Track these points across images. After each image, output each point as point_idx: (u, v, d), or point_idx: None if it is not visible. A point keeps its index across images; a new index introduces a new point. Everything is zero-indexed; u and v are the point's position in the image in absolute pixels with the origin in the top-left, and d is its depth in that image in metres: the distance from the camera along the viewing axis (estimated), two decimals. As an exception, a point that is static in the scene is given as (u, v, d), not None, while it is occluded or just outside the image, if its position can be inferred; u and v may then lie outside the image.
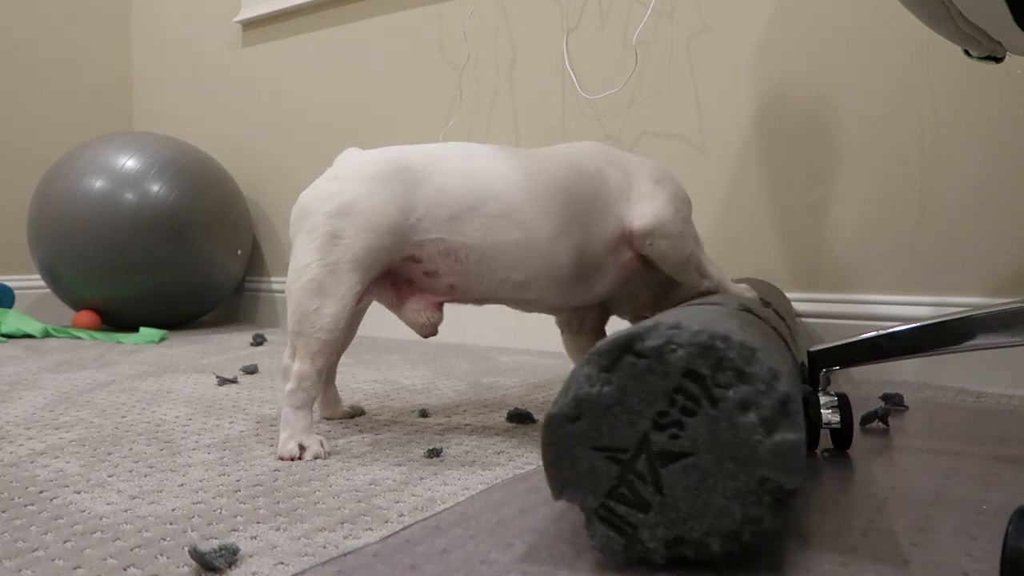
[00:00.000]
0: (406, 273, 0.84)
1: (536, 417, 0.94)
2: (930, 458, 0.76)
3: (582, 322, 0.96)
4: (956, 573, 0.49)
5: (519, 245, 0.81)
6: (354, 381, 1.18)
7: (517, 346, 1.61)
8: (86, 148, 1.82)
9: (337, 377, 1.00)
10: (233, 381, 1.18)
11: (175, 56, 2.33)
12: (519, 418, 0.92)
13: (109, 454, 0.78)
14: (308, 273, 0.79)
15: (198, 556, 0.49)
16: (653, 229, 0.83)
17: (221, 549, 0.50)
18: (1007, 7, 0.59)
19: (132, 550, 0.53)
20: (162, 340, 1.72)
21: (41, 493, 0.66)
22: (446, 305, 0.89)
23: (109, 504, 0.63)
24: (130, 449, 0.80)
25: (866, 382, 1.18)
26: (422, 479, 0.69)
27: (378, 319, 1.69)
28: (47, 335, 1.77)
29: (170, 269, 1.78)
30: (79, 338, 1.74)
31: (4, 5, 2.15)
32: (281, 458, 0.76)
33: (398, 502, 0.63)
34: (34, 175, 2.19)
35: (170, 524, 0.58)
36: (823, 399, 0.77)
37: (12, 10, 2.17)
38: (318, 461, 0.76)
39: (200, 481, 0.69)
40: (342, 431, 0.88)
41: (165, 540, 0.55)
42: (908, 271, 1.22)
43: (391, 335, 1.77)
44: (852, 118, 1.26)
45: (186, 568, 0.50)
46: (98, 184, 1.74)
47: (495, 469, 0.73)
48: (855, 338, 0.79)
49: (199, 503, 0.63)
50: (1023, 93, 1.13)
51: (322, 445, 0.78)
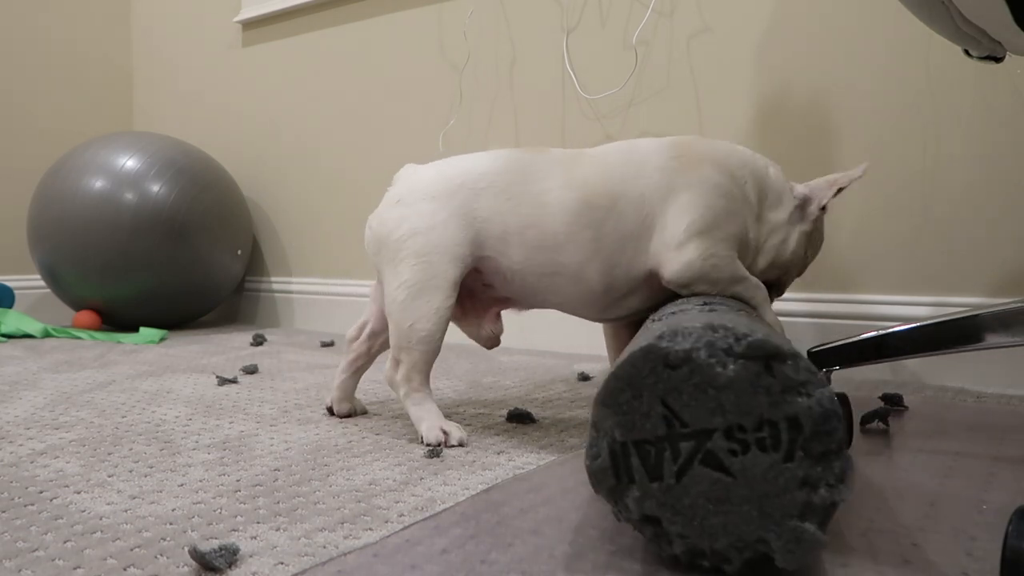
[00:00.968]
0: (469, 284, 0.89)
1: (536, 417, 0.95)
2: (930, 458, 0.76)
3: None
4: (956, 573, 0.49)
5: (552, 276, 0.84)
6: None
7: (517, 346, 1.61)
8: (86, 148, 1.82)
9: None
10: (233, 381, 1.18)
11: (175, 56, 2.33)
12: (519, 418, 0.92)
13: (109, 454, 0.78)
14: (402, 292, 0.85)
15: (198, 556, 0.49)
16: (684, 286, 0.79)
17: (221, 549, 0.50)
18: (1007, 7, 0.59)
19: (132, 550, 0.53)
20: (162, 340, 1.72)
21: (41, 493, 0.66)
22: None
23: (109, 504, 0.63)
24: (130, 449, 0.80)
25: (866, 382, 1.18)
26: (422, 479, 0.69)
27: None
28: (47, 335, 1.77)
29: (170, 269, 1.78)
30: (79, 338, 1.74)
31: (4, 5, 2.15)
32: (429, 444, 0.80)
33: (398, 502, 0.63)
34: (34, 175, 2.19)
35: (170, 524, 0.58)
36: (823, 399, 0.77)
37: (12, 10, 2.17)
38: (319, 461, 0.76)
39: (200, 481, 0.69)
40: (342, 431, 0.88)
41: (165, 540, 0.55)
42: (908, 271, 1.22)
43: (391, 335, 1.77)
44: (852, 118, 1.26)
45: (186, 568, 0.50)
46: (98, 184, 1.74)
47: (495, 469, 0.73)
48: (855, 338, 0.79)
49: (199, 503, 0.63)
50: (1023, 93, 1.13)
51: (462, 431, 0.83)
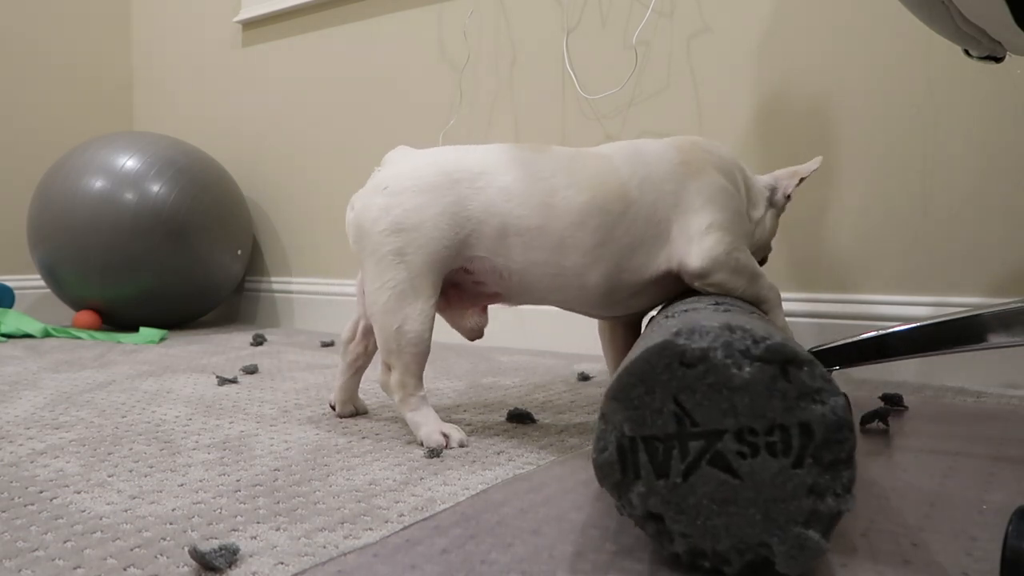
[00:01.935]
0: (455, 279, 0.85)
1: (536, 417, 0.94)
2: (930, 458, 0.76)
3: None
4: (956, 573, 0.49)
5: (555, 277, 0.82)
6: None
7: (517, 346, 1.61)
8: (86, 148, 1.82)
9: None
10: (233, 381, 1.18)
11: (175, 56, 2.33)
12: (519, 418, 0.92)
13: (109, 454, 0.78)
14: (383, 294, 0.81)
15: (198, 556, 0.49)
16: (704, 275, 0.79)
17: (221, 549, 0.50)
18: (1007, 7, 0.59)
19: (132, 550, 0.53)
20: (162, 340, 1.72)
21: (41, 493, 0.66)
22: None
23: (109, 504, 0.63)
24: (130, 449, 0.80)
25: (866, 382, 1.18)
26: (422, 479, 0.69)
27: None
28: (47, 335, 1.77)
29: (170, 269, 1.78)
30: (79, 338, 1.74)
31: (4, 5, 2.15)
32: (430, 448, 0.78)
33: (398, 502, 0.63)
34: (34, 175, 2.19)
35: (170, 524, 0.58)
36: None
37: (12, 10, 2.17)
38: (318, 461, 0.76)
39: (200, 481, 0.69)
40: (342, 431, 0.88)
41: (165, 540, 0.55)
42: (908, 271, 1.22)
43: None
44: (852, 118, 1.26)
45: (186, 568, 0.50)
46: (98, 184, 1.74)
47: (495, 469, 0.73)
48: (855, 338, 0.79)
49: (199, 503, 0.63)
50: (1023, 93, 1.13)
51: (461, 432, 0.82)
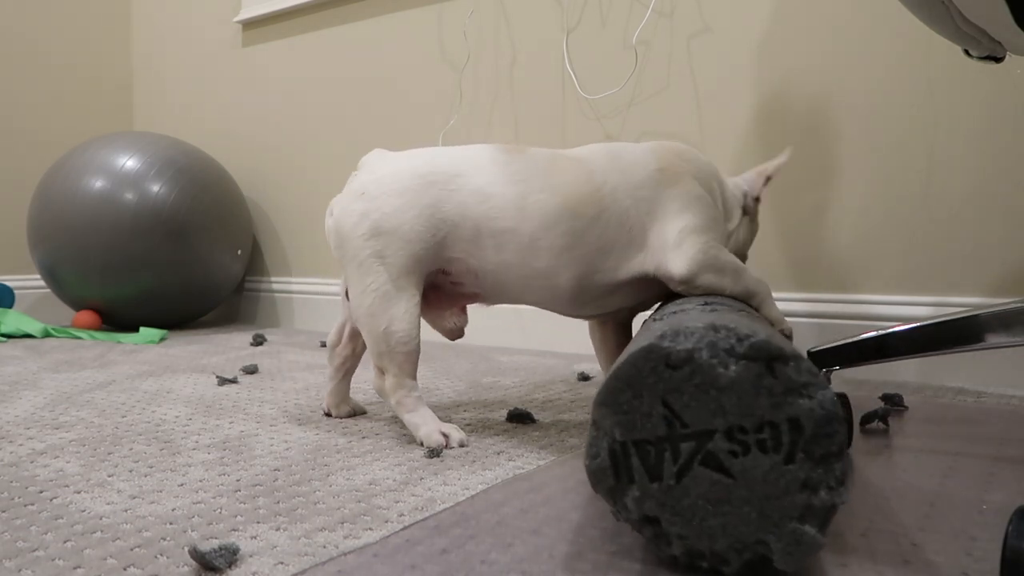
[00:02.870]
0: (434, 280, 0.86)
1: (536, 417, 0.94)
2: (930, 458, 0.76)
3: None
4: (956, 573, 0.49)
5: (527, 278, 0.83)
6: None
7: (517, 346, 1.61)
8: (86, 148, 1.82)
9: (337, 377, 1.00)
10: (233, 381, 1.18)
11: (175, 56, 2.33)
12: (519, 418, 0.92)
13: (109, 454, 0.78)
14: (367, 298, 0.82)
15: (198, 556, 0.49)
16: (689, 280, 0.79)
17: (221, 549, 0.50)
18: (1007, 7, 0.59)
19: (132, 550, 0.53)
20: (162, 340, 1.72)
21: (41, 493, 0.66)
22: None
23: (109, 504, 0.63)
24: (130, 449, 0.80)
25: (866, 382, 1.18)
26: (422, 479, 0.69)
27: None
28: (47, 335, 1.77)
29: (170, 269, 1.78)
30: (79, 338, 1.74)
31: (4, 5, 2.15)
32: (430, 448, 0.78)
33: (398, 502, 0.63)
34: (34, 175, 2.19)
35: (170, 524, 0.58)
36: (823, 399, 0.77)
37: (12, 10, 2.17)
38: (318, 461, 0.76)
39: (200, 481, 0.69)
40: (342, 431, 0.88)
41: (165, 540, 0.55)
42: (908, 271, 1.22)
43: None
44: (852, 118, 1.26)
45: (186, 568, 0.50)
46: (98, 184, 1.74)
47: (495, 469, 0.73)
48: (855, 338, 0.79)
49: (199, 503, 0.63)
50: (1023, 93, 1.13)
51: (461, 432, 0.82)
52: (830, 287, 1.29)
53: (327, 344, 0.95)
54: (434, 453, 0.77)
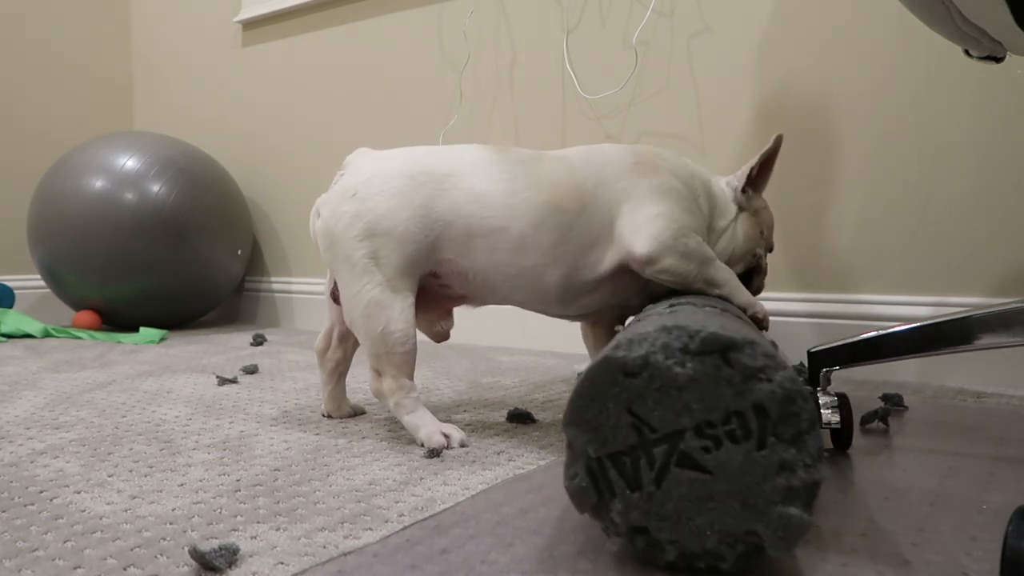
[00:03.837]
0: (422, 283, 0.86)
1: (536, 417, 0.94)
2: (930, 458, 0.76)
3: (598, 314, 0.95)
4: (956, 573, 0.49)
5: (515, 277, 0.83)
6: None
7: (517, 346, 1.61)
8: (86, 148, 1.82)
9: (337, 377, 1.00)
10: (233, 381, 1.18)
11: (175, 56, 2.33)
12: (519, 418, 0.92)
13: (109, 454, 0.78)
14: (363, 299, 0.81)
15: (198, 556, 0.49)
16: (652, 260, 0.80)
17: (221, 549, 0.50)
18: (1007, 7, 0.59)
19: (132, 550, 0.53)
20: (162, 340, 1.72)
21: (41, 493, 0.66)
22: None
23: (109, 504, 0.63)
24: (130, 449, 0.80)
25: (866, 382, 1.18)
26: (422, 479, 0.69)
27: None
28: (47, 335, 1.77)
29: (170, 269, 1.78)
30: (79, 338, 1.74)
31: (4, 5, 2.15)
32: (432, 449, 0.78)
33: (398, 502, 0.63)
34: (34, 175, 2.19)
35: (170, 524, 0.58)
36: (823, 399, 0.77)
37: (12, 10, 2.17)
38: (319, 461, 0.76)
39: (200, 481, 0.69)
40: (342, 431, 0.88)
41: (165, 540, 0.55)
42: (908, 271, 1.22)
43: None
44: (852, 118, 1.26)
45: (186, 568, 0.50)
46: (98, 184, 1.74)
47: (495, 469, 0.73)
48: (855, 338, 0.79)
49: (199, 503, 0.63)
50: (1023, 93, 1.13)
51: (461, 432, 0.82)
52: (830, 287, 1.29)
53: (316, 350, 0.95)
54: (434, 453, 0.77)
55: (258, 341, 1.66)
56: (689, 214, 0.83)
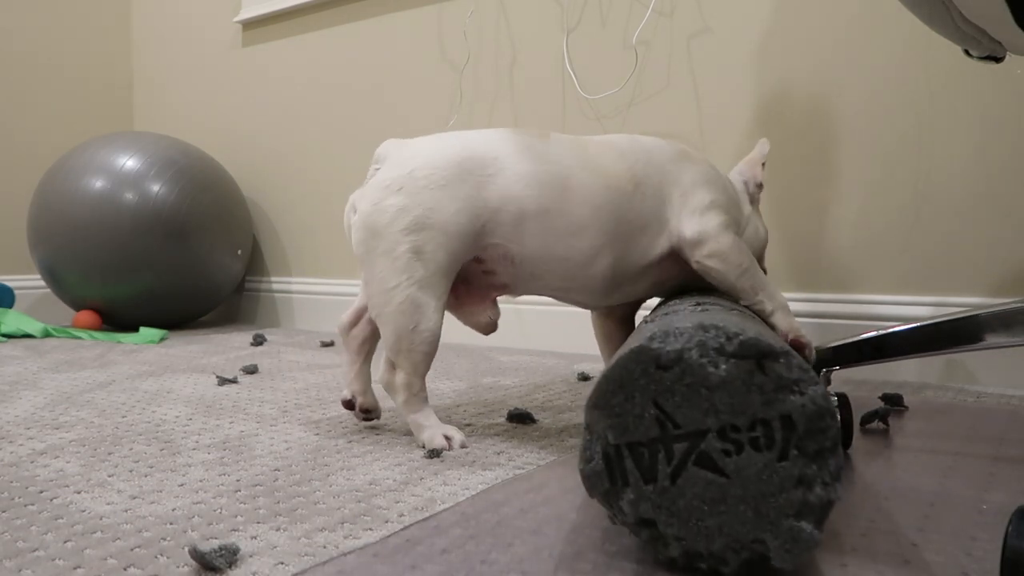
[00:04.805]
0: (466, 272, 0.84)
1: (536, 417, 0.94)
2: (930, 458, 0.76)
3: (612, 308, 0.94)
4: (956, 573, 0.49)
5: (564, 261, 0.82)
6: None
7: (517, 346, 1.61)
8: (86, 148, 1.82)
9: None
10: (233, 381, 1.18)
11: (175, 56, 2.33)
12: (519, 418, 0.92)
13: (109, 454, 0.78)
14: (399, 295, 0.79)
15: (198, 556, 0.49)
16: (701, 242, 0.79)
17: (221, 549, 0.50)
18: (1007, 7, 0.59)
19: (132, 550, 0.53)
20: (162, 340, 1.72)
21: (41, 493, 0.66)
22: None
23: (109, 504, 0.63)
24: (130, 449, 0.80)
25: (866, 382, 1.18)
26: (422, 479, 0.69)
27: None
28: (47, 335, 1.77)
29: (170, 269, 1.78)
30: (79, 338, 1.74)
31: (4, 5, 2.15)
32: (432, 449, 0.78)
33: (398, 502, 0.63)
34: (34, 175, 2.19)
35: (170, 524, 0.58)
36: (823, 399, 0.77)
37: (12, 10, 2.17)
38: (319, 461, 0.76)
39: (200, 481, 0.69)
40: (342, 431, 0.88)
41: (165, 540, 0.55)
42: (908, 271, 1.22)
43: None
44: (852, 118, 1.26)
45: (186, 568, 0.50)
46: (98, 184, 1.74)
47: (495, 469, 0.73)
48: (855, 338, 0.79)
49: (199, 503, 0.63)
50: (1023, 93, 1.13)
51: (462, 434, 0.82)
52: (830, 287, 1.29)
53: (342, 326, 0.90)
54: (434, 454, 0.77)
55: (258, 341, 1.66)
56: (732, 204, 0.85)
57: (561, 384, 1.18)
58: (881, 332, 0.78)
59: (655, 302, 1.17)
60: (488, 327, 0.88)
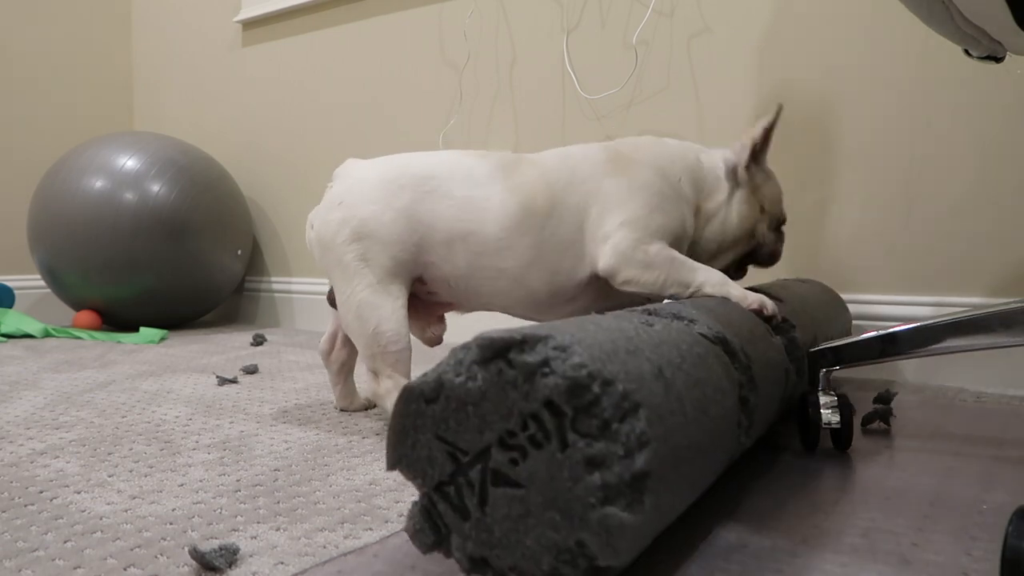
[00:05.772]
0: (412, 290, 0.87)
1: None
2: (930, 458, 0.76)
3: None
4: (956, 573, 0.49)
5: (495, 280, 0.84)
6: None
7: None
8: (86, 148, 1.82)
9: (337, 377, 1.00)
10: (233, 381, 1.18)
11: (175, 56, 2.33)
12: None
13: (109, 454, 0.78)
14: (354, 300, 0.83)
15: (198, 556, 0.49)
16: (612, 274, 0.81)
17: (221, 549, 0.50)
18: (1007, 7, 0.59)
19: (132, 550, 0.53)
20: (162, 340, 1.72)
21: (41, 493, 0.66)
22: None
23: (109, 504, 0.63)
24: (130, 449, 0.80)
25: (866, 382, 1.18)
26: (422, 479, 0.69)
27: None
28: (47, 335, 1.77)
29: (170, 269, 1.78)
30: (79, 338, 1.74)
31: (4, 5, 2.15)
32: None
33: (398, 502, 0.63)
34: (34, 175, 2.19)
35: (170, 524, 0.58)
36: (823, 399, 0.77)
37: (12, 10, 2.17)
38: (319, 461, 0.76)
39: (200, 481, 0.69)
40: (342, 431, 0.88)
41: (165, 540, 0.55)
42: (908, 271, 1.22)
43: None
44: (852, 118, 1.26)
45: (186, 568, 0.50)
46: (98, 184, 1.74)
47: (495, 469, 0.72)
48: (855, 338, 0.79)
49: (199, 503, 0.63)
50: (1023, 93, 1.13)
51: None
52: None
53: (320, 352, 0.98)
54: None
55: (258, 341, 1.66)
56: (659, 211, 0.82)
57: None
58: (881, 332, 0.78)
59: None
60: (432, 341, 0.93)
